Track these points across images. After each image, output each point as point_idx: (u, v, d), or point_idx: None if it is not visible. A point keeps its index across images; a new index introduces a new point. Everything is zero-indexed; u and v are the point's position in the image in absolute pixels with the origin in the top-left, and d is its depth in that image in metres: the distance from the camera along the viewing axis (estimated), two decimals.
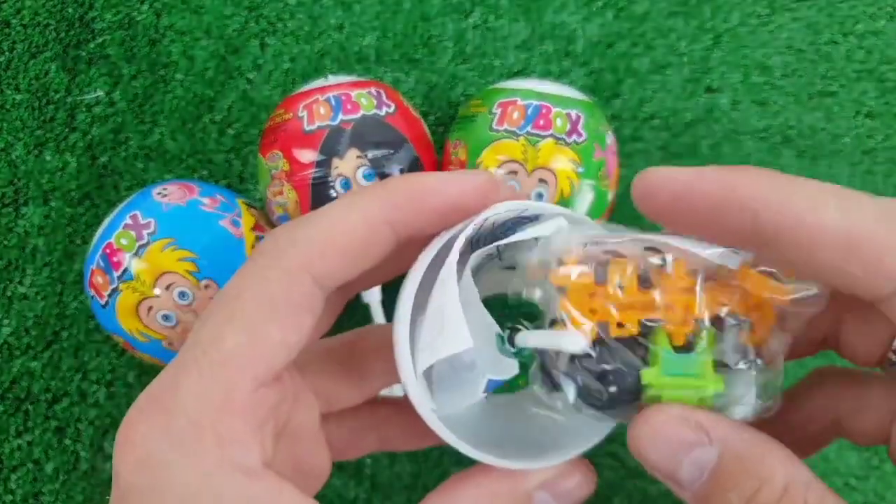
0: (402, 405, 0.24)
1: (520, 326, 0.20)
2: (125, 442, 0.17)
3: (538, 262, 0.20)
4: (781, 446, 0.18)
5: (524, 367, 0.21)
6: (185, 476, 0.16)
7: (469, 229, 0.19)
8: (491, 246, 0.20)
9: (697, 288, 0.18)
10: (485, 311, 0.19)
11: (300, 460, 0.22)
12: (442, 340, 0.18)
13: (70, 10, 0.48)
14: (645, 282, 0.19)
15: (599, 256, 0.19)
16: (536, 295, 0.20)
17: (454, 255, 0.19)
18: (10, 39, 0.48)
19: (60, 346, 0.44)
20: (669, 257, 0.19)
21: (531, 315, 0.22)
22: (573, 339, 0.18)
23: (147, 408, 0.17)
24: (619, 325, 0.18)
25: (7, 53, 0.47)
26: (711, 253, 0.18)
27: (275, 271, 0.18)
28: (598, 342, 0.18)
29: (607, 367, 0.18)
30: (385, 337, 0.20)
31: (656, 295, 0.18)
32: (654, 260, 0.19)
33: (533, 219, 0.21)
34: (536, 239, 0.20)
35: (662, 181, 0.19)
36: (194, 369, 0.17)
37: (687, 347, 0.18)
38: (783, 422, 0.21)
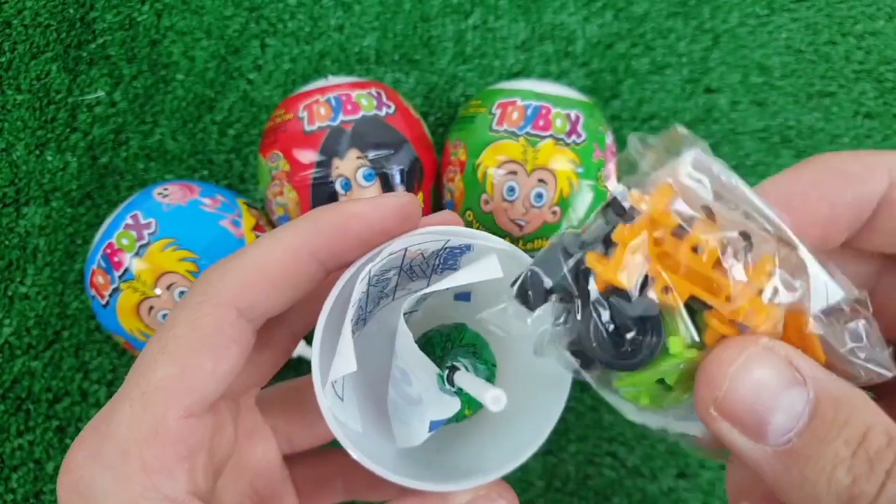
0: None
1: (458, 366, 0.21)
2: (64, 467, 0.18)
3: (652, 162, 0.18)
4: (867, 396, 0.15)
5: (470, 400, 0.21)
6: (112, 501, 0.17)
7: (374, 262, 0.19)
8: (422, 293, 0.20)
9: (766, 298, 0.16)
10: (421, 355, 0.19)
11: (263, 498, 0.22)
12: (335, 363, 0.18)
13: (71, 10, 0.48)
14: (724, 257, 0.16)
15: (698, 207, 0.17)
16: (620, 187, 0.17)
17: (336, 287, 0.19)
18: (12, 40, 0.48)
19: (61, 345, 0.44)
20: (762, 249, 0.16)
21: (473, 346, 0.22)
22: (494, 395, 0.18)
23: (86, 436, 0.18)
24: (666, 289, 0.16)
25: (8, 54, 0.47)
26: (820, 281, 0.17)
27: (204, 305, 0.19)
28: (618, 291, 0.17)
29: (634, 317, 0.16)
30: None
31: (724, 277, 0.16)
32: (741, 242, 0.17)
33: (465, 248, 0.21)
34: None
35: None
36: (127, 400, 0.18)
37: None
38: None
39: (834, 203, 0.18)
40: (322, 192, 0.36)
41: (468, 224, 0.39)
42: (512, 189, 0.36)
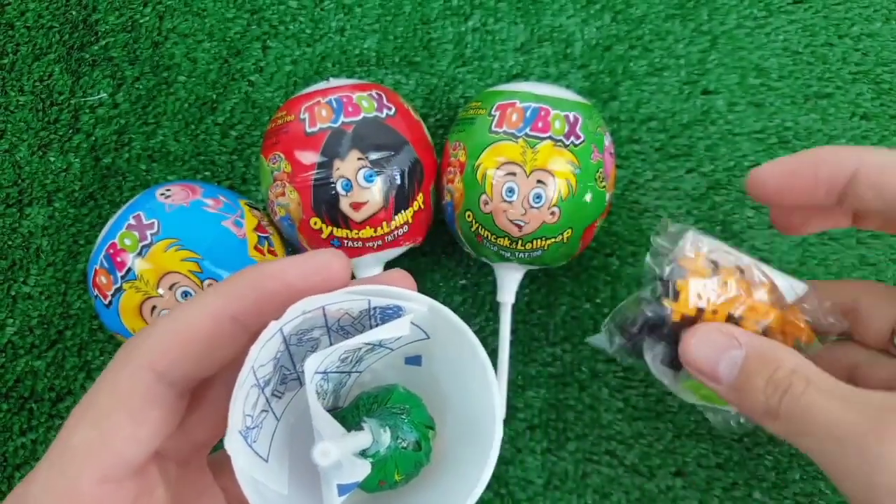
0: None
1: (363, 426, 0.20)
2: None
3: (670, 247, 0.29)
4: (789, 348, 0.26)
5: (401, 464, 0.21)
6: None
7: (286, 320, 0.19)
8: (332, 349, 0.20)
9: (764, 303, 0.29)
10: (324, 412, 0.19)
11: None
12: (231, 419, 0.18)
13: (74, 12, 0.48)
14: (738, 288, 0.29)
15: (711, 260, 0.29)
16: (664, 268, 0.28)
17: (250, 357, 0.19)
18: (15, 41, 0.48)
19: (64, 345, 0.44)
20: (759, 277, 0.29)
21: (404, 406, 0.22)
22: (321, 448, 0.18)
23: (7, 501, 0.18)
24: (714, 312, 0.28)
25: (11, 55, 0.48)
26: (783, 283, 0.29)
27: (124, 369, 0.19)
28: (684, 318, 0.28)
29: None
30: None
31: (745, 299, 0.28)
32: (748, 275, 0.29)
33: (398, 309, 0.20)
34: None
35: (767, 174, 0.29)
36: (45, 464, 0.18)
37: None
38: None
39: (817, 176, 0.27)
40: (323, 193, 0.37)
41: (468, 225, 0.39)
42: (511, 190, 0.37)
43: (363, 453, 0.20)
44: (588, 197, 0.37)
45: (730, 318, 0.28)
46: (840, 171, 0.26)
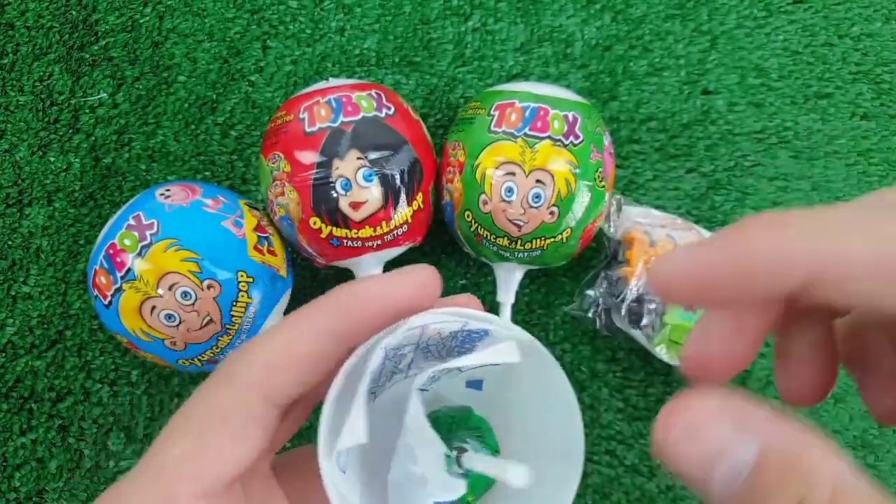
0: None
1: (466, 447, 0.21)
2: None
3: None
4: (819, 435, 0.15)
5: (474, 485, 0.21)
6: None
7: (392, 335, 0.19)
8: (441, 368, 0.20)
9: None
10: (432, 432, 0.19)
11: None
12: (345, 434, 0.18)
13: (74, 12, 0.48)
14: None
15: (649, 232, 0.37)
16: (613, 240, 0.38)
17: (351, 359, 0.19)
18: (15, 41, 0.48)
19: (64, 345, 0.44)
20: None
21: (478, 429, 0.22)
22: (516, 472, 0.18)
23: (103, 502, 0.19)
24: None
25: (11, 55, 0.48)
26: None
27: (227, 388, 0.19)
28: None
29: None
30: None
31: None
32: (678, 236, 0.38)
33: (483, 333, 0.21)
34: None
35: (675, 273, 0.17)
36: (142, 477, 0.18)
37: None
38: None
39: (746, 282, 0.16)
40: (323, 193, 0.36)
41: (467, 225, 0.39)
42: (510, 190, 0.37)
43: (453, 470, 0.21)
44: (587, 197, 0.37)
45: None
46: (783, 280, 0.16)
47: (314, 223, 0.37)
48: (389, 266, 0.44)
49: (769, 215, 0.16)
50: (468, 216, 0.39)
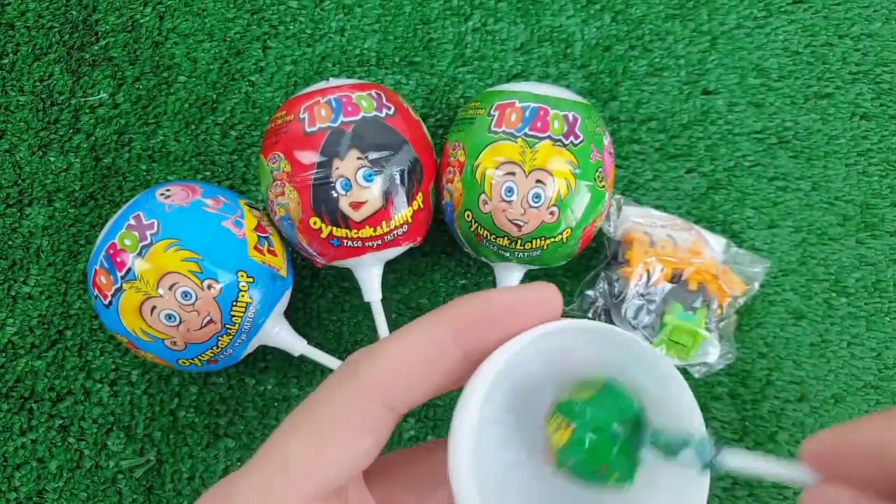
0: None
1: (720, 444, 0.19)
2: None
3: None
4: None
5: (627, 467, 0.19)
6: None
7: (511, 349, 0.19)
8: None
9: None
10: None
11: None
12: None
13: (74, 12, 0.48)
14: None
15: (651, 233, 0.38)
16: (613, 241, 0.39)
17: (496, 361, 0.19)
18: (15, 42, 0.48)
19: (64, 345, 0.44)
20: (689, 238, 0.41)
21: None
22: (798, 473, 0.17)
23: (211, 499, 0.18)
24: (661, 270, 0.37)
25: (11, 55, 0.48)
26: (711, 239, 0.42)
27: (349, 391, 0.19)
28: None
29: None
30: None
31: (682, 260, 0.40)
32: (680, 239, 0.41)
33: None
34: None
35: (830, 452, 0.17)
36: (256, 472, 0.18)
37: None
38: None
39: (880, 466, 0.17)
40: (323, 193, 0.37)
41: (468, 225, 0.39)
42: (510, 190, 0.37)
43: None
44: (587, 197, 0.37)
45: (675, 276, 0.41)
46: None
47: (314, 223, 0.37)
48: (389, 266, 0.44)
49: None
50: (468, 216, 0.39)
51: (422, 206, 0.39)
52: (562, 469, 0.19)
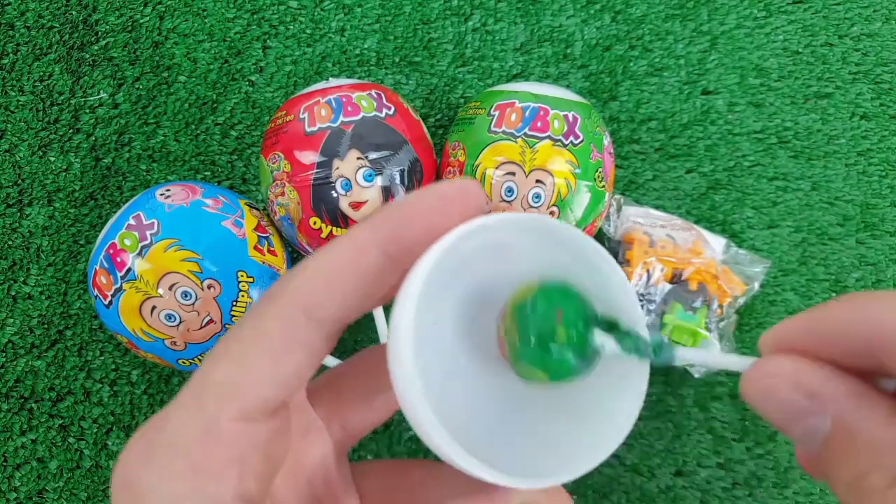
0: (434, 469, 0.24)
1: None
2: (117, 465, 0.18)
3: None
4: None
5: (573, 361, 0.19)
6: (157, 499, 0.17)
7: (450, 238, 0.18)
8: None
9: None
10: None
11: (322, 501, 0.22)
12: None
13: (74, 12, 0.48)
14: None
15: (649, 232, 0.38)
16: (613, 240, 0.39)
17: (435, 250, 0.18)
18: (15, 42, 0.48)
19: (64, 345, 0.44)
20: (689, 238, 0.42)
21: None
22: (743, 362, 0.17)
23: (140, 433, 0.18)
24: (661, 269, 0.37)
25: (11, 55, 0.48)
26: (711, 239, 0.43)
27: (272, 306, 0.18)
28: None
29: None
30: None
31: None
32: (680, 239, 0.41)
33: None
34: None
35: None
36: (186, 399, 0.18)
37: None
38: None
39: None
40: (323, 193, 0.37)
41: None
42: (510, 190, 0.37)
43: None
44: (587, 197, 0.37)
45: (674, 276, 0.41)
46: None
47: (314, 223, 0.37)
48: None
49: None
50: None
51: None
52: (516, 368, 0.19)
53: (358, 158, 0.36)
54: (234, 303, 0.36)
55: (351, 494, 0.23)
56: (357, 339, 0.44)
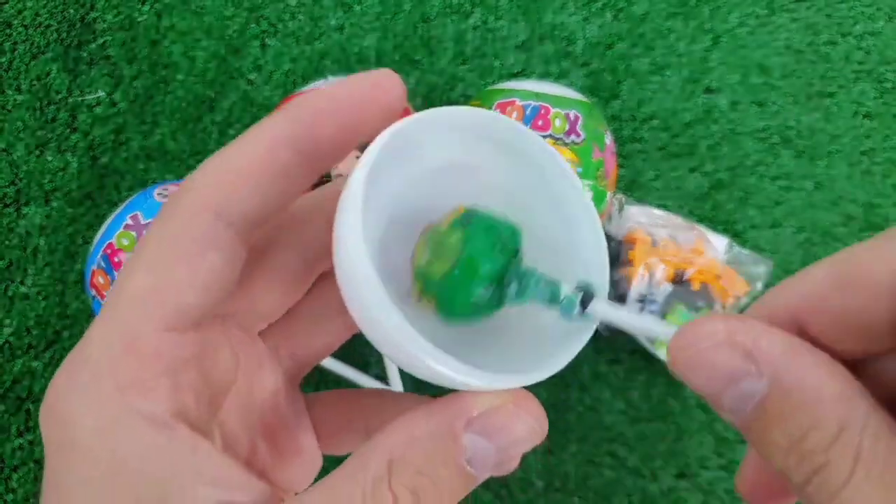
0: (388, 396, 0.24)
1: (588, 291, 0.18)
2: (45, 397, 0.17)
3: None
4: (838, 372, 0.15)
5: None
6: (86, 423, 0.16)
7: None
8: None
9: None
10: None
11: (275, 433, 0.21)
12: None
13: (71, 10, 0.48)
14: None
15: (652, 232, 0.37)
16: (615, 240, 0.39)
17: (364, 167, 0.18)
18: (12, 40, 0.48)
19: (62, 345, 0.44)
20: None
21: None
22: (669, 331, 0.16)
23: (66, 362, 0.17)
24: (664, 269, 0.37)
25: (9, 54, 0.48)
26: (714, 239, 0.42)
27: (180, 209, 0.17)
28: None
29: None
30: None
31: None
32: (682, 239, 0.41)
33: None
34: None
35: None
36: (103, 316, 0.17)
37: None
38: None
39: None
40: None
41: None
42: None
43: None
44: (588, 196, 0.37)
45: (677, 276, 0.40)
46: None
47: None
48: None
49: None
50: None
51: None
52: (424, 298, 0.18)
53: (357, 157, 0.36)
54: None
55: (304, 424, 0.22)
56: (357, 338, 0.44)
